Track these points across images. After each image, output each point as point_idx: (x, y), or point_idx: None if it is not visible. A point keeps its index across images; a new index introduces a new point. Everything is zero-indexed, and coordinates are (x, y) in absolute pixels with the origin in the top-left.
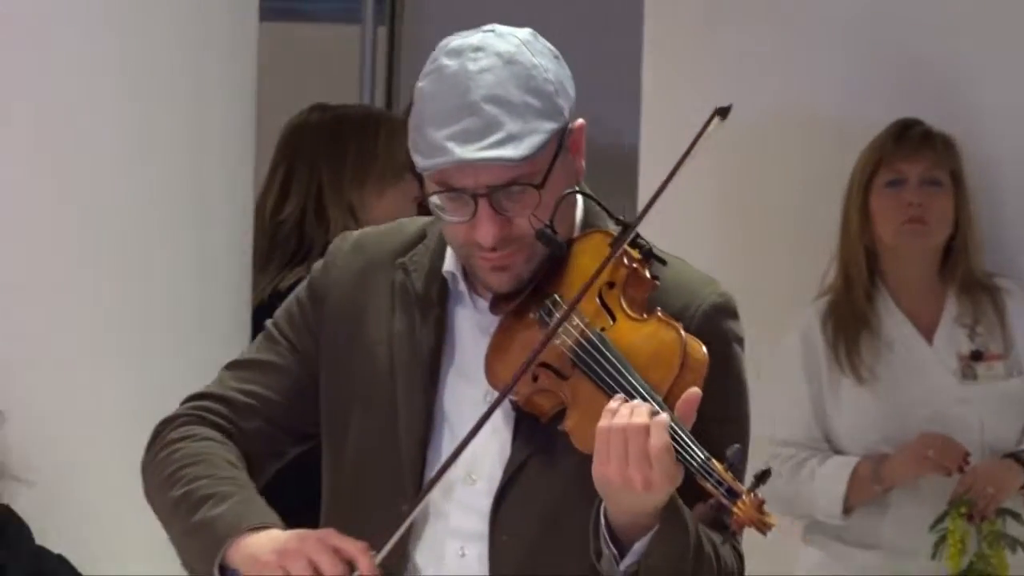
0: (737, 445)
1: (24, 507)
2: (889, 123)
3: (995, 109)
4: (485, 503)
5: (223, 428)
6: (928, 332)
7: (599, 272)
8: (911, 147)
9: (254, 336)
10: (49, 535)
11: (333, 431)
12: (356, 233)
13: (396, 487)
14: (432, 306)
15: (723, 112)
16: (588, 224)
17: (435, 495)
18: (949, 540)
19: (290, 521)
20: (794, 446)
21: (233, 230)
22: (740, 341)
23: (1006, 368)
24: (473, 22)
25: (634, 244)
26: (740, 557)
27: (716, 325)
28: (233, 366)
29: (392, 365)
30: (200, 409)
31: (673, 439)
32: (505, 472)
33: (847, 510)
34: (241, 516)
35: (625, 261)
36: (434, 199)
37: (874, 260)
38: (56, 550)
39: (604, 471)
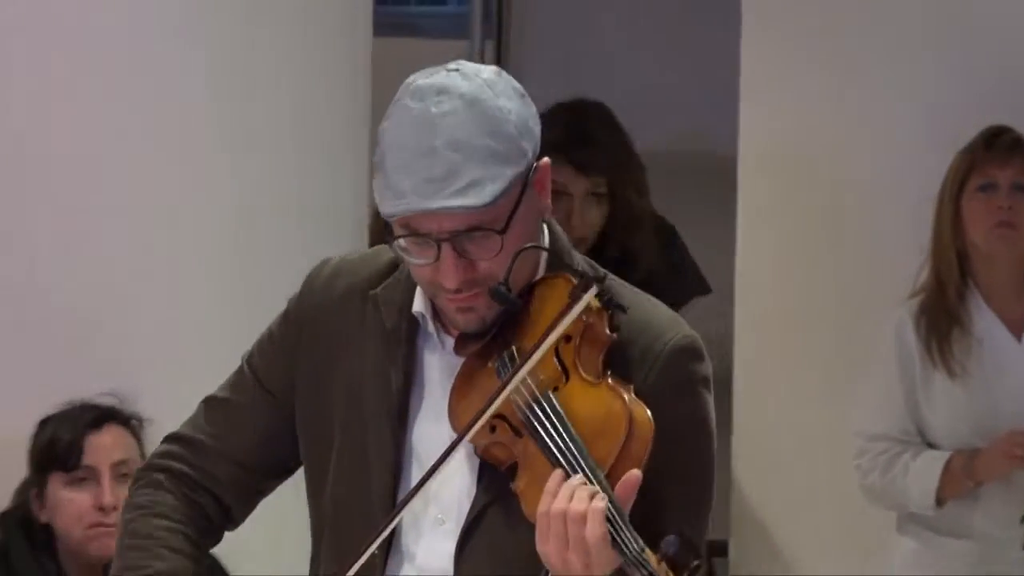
0: (673, 536)
1: None
2: (979, 131)
3: None
4: (451, 545)
5: (191, 479)
6: (1017, 330)
7: (550, 332)
8: (1002, 153)
9: None
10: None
11: (312, 468)
12: (334, 260)
13: (368, 527)
14: (400, 344)
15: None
16: (555, 262)
17: (407, 536)
18: None
19: None
20: (887, 440)
21: (349, 238)
22: (705, 382)
23: None
24: (574, 39)
25: (590, 284)
26: None
27: (681, 367)
28: (208, 404)
29: (362, 403)
30: (171, 457)
31: (611, 526)
32: (468, 514)
33: (939, 502)
34: None
35: (583, 317)
36: (399, 242)
37: (965, 262)
38: None
39: (544, 550)
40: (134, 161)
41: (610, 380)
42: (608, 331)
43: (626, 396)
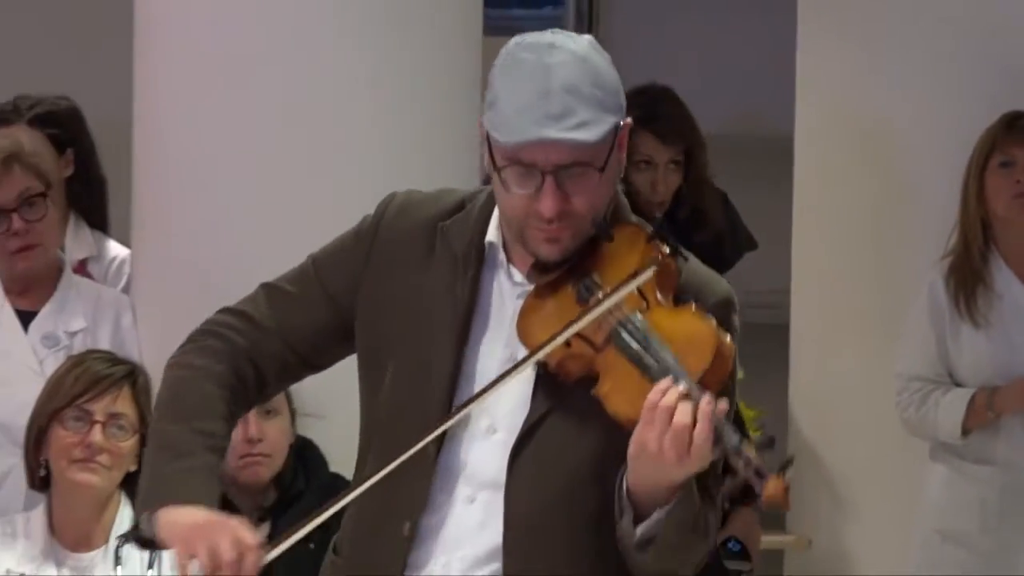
0: (764, 434)
1: (320, 440)
2: (998, 115)
3: None
4: (503, 453)
5: (244, 352)
6: None
7: (640, 271)
8: (1020, 134)
9: None
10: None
11: (369, 374)
12: (402, 194)
13: (420, 432)
14: (469, 268)
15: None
16: (615, 216)
17: (459, 445)
18: None
19: None
20: (921, 380)
21: None
22: (736, 329)
23: None
24: (650, 36)
25: (664, 240)
26: (718, 514)
27: (725, 315)
28: (269, 291)
29: (427, 320)
30: (229, 328)
31: (717, 422)
32: (524, 424)
33: (965, 432)
34: (180, 486)
35: (658, 254)
36: (504, 172)
37: (988, 228)
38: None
39: (645, 438)
40: (264, 161)
41: (694, 307)
42: (674, 267)
43: (712, 321)
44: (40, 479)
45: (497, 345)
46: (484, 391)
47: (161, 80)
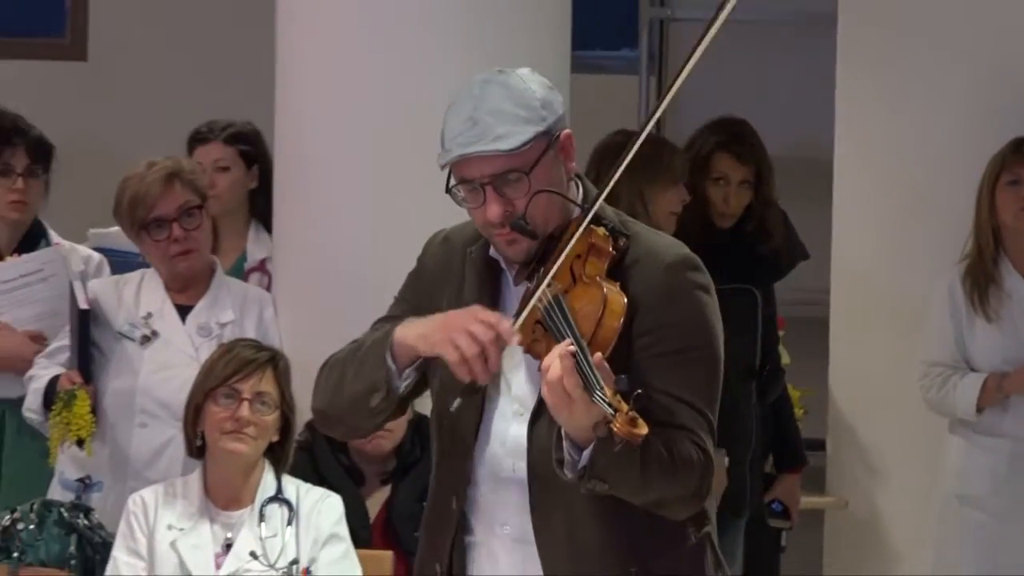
0: (624, 376)
1: None
2: (1008, 140)
3: None
4: (524, 427)
5: None
6: None
7: (562, 252)
8: None
9: None
10: None
11: (431, 377)
12: (444, 231)
13: (463, 419)
14: (489, 279)
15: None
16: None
17: (497, 424)
18: None
19: None
20: (941, 366)
21: None
22: (702, 287)
23: None
24: (713, 73)
25: (600, 224)
26: (699, 446)
27: (676, 274)
28: (382, 319)
29: None
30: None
31: (581, 375)
32: (534, 404)
33: (979, 410)
34: (394, 329)
35: (588, 239)
36: (457, 192)
37: (998, 236)
38: None
39: (553, 411)
40: (389, 171)
41: (600, 279)
42: (611, 248)
43: (605, 285)
44: (196, 448)
45: (517, 369)
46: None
47: (299, 95)
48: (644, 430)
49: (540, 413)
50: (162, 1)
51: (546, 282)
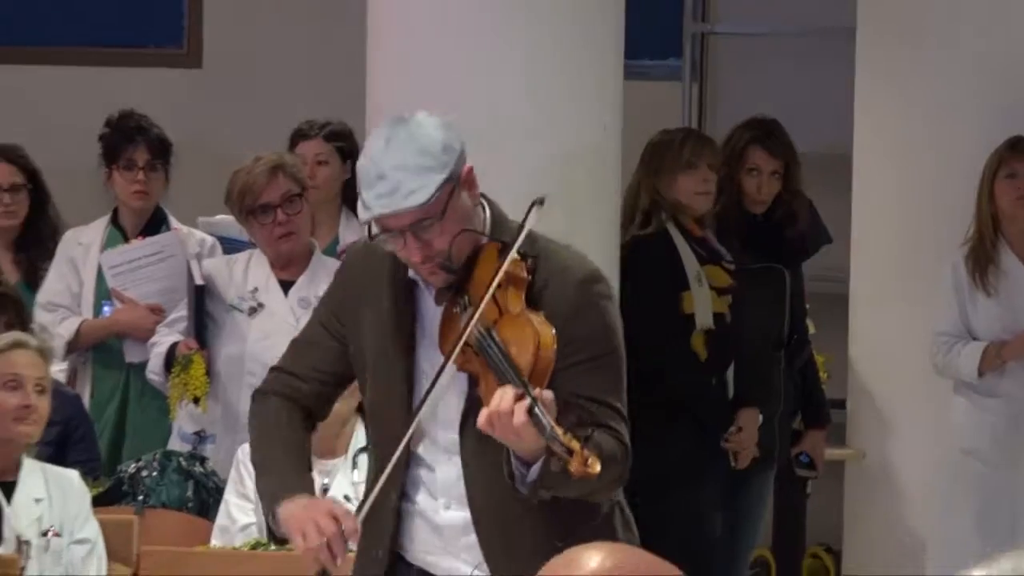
0: (574, 417)
1: None
2: (1006, 138)
3: None
4: (454, 435)
5: (290, 396)
6: None
7: (487, 289)
8: (1021, 153)
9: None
10: None
11: (360, 376)
12: (360, 242)
13: (394, 422)
14: (409, 296)
15: (541, 202)
16: (495, 230)
17: (428, 426)
18: None
19: None
20: (948, 335)
21: (605, 232)
22: (605, 296)
23: None
24: (748, 78)
25: (510, 248)
26: (620, 440)
27: (585, 291)
28: (294, 344)
29: (385, 337)
30: (277, 383)
31: (531, 415)
32: (463, 409)
33: (980, 374)
34: (279, 488)
35: (507, 268)
36: (381, 237)
37: (997, 222)
38: None
39: (492, 433)
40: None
41: (527, 311)
42: (526, 274)
43: (535, 320)
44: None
45: (433, 350)
46: (422, 403)
47: (385, 97)
48: (597, 468)
49: (467, 418)
50: (267, 15)
51: (475, 320)
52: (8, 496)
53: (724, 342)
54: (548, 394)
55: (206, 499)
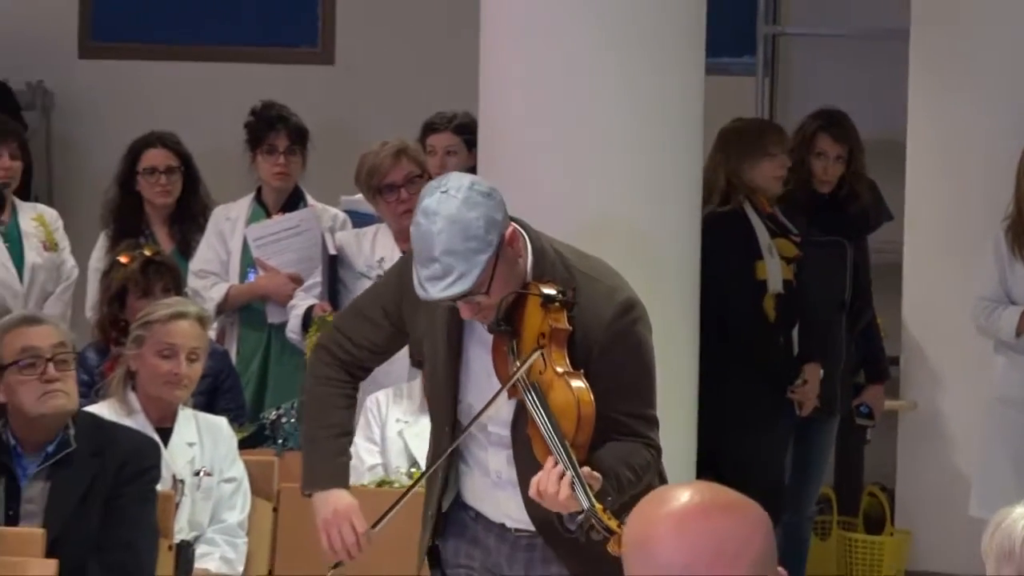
0: (610, 499)
1: None
2: None
3: None
4: (506, 432)
5: (343, 360)
6: None
7: (533, 353)
8: None
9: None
10: None
11: (422, 356)
12: None
13: (446, 405)
14: (455, 313)
15: (563, 294)
16: (536, 269)
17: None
18: None
19: None
20: (989, 300)
21: (687, 218)
22: (637, 319)
23: None
24: (815, 75)
25: (553, 299)
26: (653, 447)
27: (619, 326)
28: (356, 310)
29: (438, 338)
30: (334, 343)
31: (573, 488)
32: (513, 426)
33: (1018, 335)
34: (320, 477)
35: (550, 321)
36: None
37: None
38: None
39: (540, 503)
40: (567, 158)
41: (568, 373)
42: (567, 325)
43: (574, 386)
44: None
45: (482, 351)
46: (479, 415)
47: (497, 91)
48: (623, 550)
49: (516, 432)
50: (393, 16)
51: (522, 370)
52: (166, 441)
53: (791, 305)
54: (588, 471)
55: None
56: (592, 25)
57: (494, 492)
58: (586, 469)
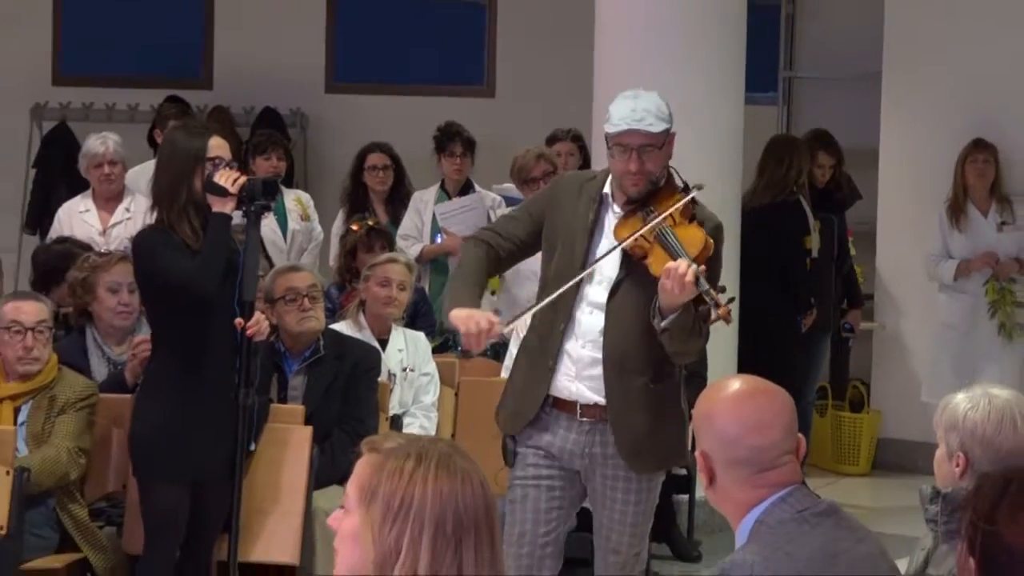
0: (723, 285)
1: None
2: (971, 139)
3: None
4: (606, 293)
5: (491, 244)
6: (984, 214)
7: (677, 203)
8: (980, 148)
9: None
10: None
11: (547, 254)
12: (568, 172)
13: (575, 272)
14: (595, 205)
15: (700, 187)
16: (668, 179)
17: (588, 290)
18: (989, 294)
19: None
20: (936, 256)
21: (730, 193)
22: (722, 231)
23: (1015, 229)
24: (823, 102)
25: (687, 191)
26: (707, 332)
27: (716, 231)
28: (504, 216)
29: (575, 228)
30: (485, 233)
31: (695, 278)
32: (616, 277)
33: (955, 279)
34: (460, 300)
35: (682, 204)
36: (613, 150)
37: (965, 189)
38: None
39: (664, 281)
40: None
41: (696, 223)
42: (692, 207)
43: (704, 232)
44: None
45: (607, 240)
46: (597, 260)
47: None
48: (730, 318)
49: (617, 287)
50: (540, 58)
51: (662, 217)
52: (383, 347)
53: (815, 264)
54: (703, 268)
55: (500, 351)
56: (672, 72)
57: (575, 364)
58: (703, 267)
